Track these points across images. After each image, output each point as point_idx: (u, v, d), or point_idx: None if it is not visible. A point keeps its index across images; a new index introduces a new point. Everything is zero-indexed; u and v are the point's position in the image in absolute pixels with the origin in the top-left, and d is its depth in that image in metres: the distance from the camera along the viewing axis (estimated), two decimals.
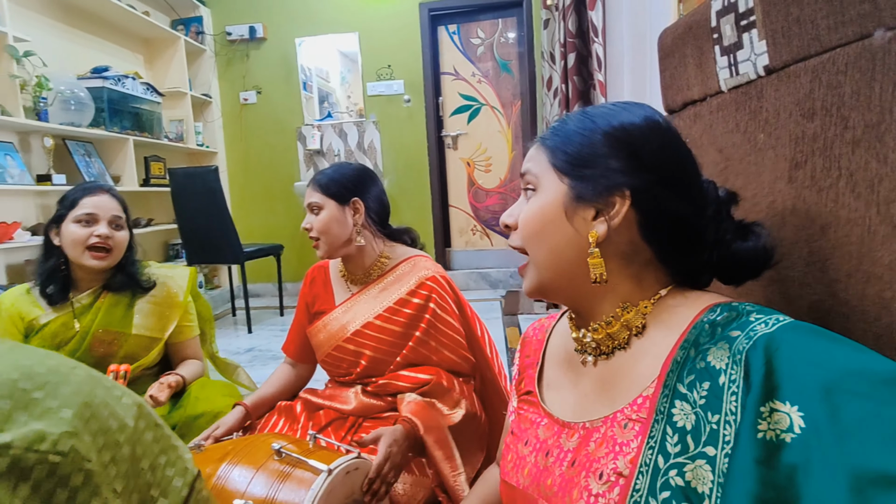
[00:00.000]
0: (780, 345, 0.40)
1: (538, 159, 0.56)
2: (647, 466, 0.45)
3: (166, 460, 0.49)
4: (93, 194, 1.28)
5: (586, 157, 0.53)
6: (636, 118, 0.53)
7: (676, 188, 0.52)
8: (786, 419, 0.37)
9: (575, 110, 0.58)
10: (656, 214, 0.52)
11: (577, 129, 0.55)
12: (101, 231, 1.25)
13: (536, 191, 0.56)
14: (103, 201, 1.28)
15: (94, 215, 1.26)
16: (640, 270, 0.54)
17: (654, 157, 0.52)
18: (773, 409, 0.38)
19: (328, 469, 0.84)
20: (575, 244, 0.53)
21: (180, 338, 1.44)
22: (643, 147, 0.52)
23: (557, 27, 2.30)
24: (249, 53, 4.04)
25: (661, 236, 0.52)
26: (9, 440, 0.35)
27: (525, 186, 0.58)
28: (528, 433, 0.62)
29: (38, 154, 2.68)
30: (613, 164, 0.52)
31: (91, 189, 1.30)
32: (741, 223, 0.55)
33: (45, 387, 0.40)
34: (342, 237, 1.20)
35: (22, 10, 2.63)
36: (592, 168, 0.52)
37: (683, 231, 0.53)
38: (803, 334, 0.41)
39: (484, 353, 1.30)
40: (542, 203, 0.55)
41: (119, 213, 1.30)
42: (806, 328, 0.42)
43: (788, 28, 0.53)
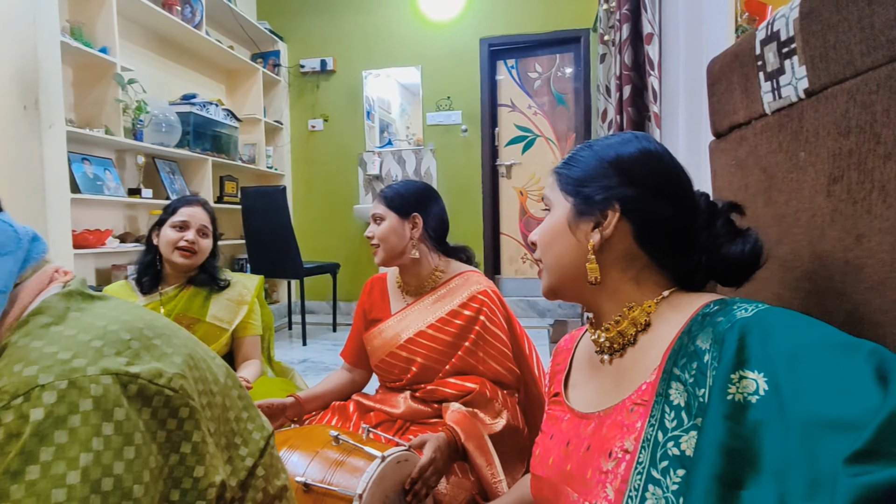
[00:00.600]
0: (755, 326, 0.47)
1: (552, 186, 0.68)
2: (649, 441, 0.50)
3: (248, 416, 0.57)
4: (189, 205, 1.52)
5: (585, 178, 0.63)
6: (631, 147, 0.63)
7: (664, 199, 0.60)
8: (752, 384, 0.44)
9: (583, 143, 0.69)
10: (647, 223, 0.60)
11: (580, 157, 0.66)
12: (188, 237, 1.48)
13: (550, 211, 0.67)
14: (196, 212, 1.52)
15: (186, 223, 1.49)
16: (638, 274, 0.62)
17: (642, 174, 0.61)
18: (742, 377, 0.45)
19: (382, 455, 0.90)
20: (577, 252, 0.63)
21: (244, 333, 1.59)
22: (632, 167, 0.61)
23: (614, 61, 2.36)
24: (319, 84, 4.33)
25: (653, 242, 0.61)
26: (137, 371, 0.44)
27: (543, 209, 0.69)
28: (554, 428, 0.68)
29: (130, 170, 2.98)
30: (607, 183, 0.61)
31: (189, 201, 1.54)
32: (734, 228, 0.62)
33: (161, 336, 0.49)
34: (398, 247, 1.29)
35: (128, 44, 2.98)
36: (590, 187, 0.62)
37: (674, 236, 0.61)
38: (776, 315, 0.47)
39: (531, 370, 1.33)
40: (552, 220, 0.66)
41: (207, 223, 1.53)
42: (779, 311, 0.48)
43: (826, 54, 0.57)
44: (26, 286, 0.48)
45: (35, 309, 0.46)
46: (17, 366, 0.40)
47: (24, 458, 0.37)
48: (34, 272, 0.49)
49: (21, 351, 0.42)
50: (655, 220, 0.60)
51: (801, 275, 0.63)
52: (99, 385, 0.40)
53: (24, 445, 0.37)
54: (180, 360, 0.48)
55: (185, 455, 0.45)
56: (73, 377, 0.40)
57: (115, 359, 0.43)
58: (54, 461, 0.37)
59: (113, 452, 0.39)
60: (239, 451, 0.53)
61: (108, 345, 0.44)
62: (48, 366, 0.40)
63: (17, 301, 0.46)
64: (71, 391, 0.39)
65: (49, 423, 0.38)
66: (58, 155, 2.25)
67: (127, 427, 0.41)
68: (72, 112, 2.65)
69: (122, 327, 0.46)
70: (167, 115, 2.93)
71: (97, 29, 2.66)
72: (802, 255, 0.63)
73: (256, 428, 0.58)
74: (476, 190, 4.08)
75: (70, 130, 2.35)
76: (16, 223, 0.49)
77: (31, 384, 0.39)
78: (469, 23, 4.03)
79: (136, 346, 0.46)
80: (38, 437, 0.37)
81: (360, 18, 4.20)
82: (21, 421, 0.38)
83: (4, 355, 0.43)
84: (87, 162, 2.61)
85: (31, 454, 0.37)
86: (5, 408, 0.38)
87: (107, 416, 0.40)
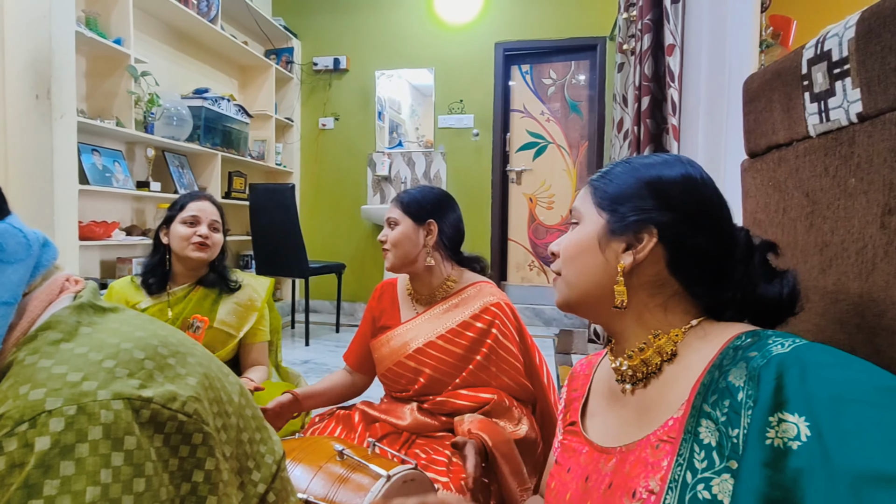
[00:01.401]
0: (793, 363, 0.43)
1: (584, 198, 0.65)
2: (676, 482, 0.47)
3: (260, 437, 0.54)
4: (198, 200, 1.50)
5: (622, 197, 0.60)
6: (674, 171, 0.59)
7: (702, 228, 0.57)
8: (793, 429, 0.40)
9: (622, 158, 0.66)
10: (683, 251, 0.57)
11: (620, 172, 0.62)
12: (202, 231, 1.45)
13: (579, 223, 0.63)
14: (205, 206, 1.49)
15: (197, 217, 1.46)
16: (667, 301, 0.58)
17: (681, 200, 0.58)
18: (782, 420, 0.41)
19: (387, 475, 0.86)
20: (603, 271, 0.60)
21: (252, 340, 1.55)
22: (673, 191, 0.58)
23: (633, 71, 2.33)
24: (332, 83, 4.31)
25: (686, 271, 0.58)
26: (150, 395, 0.41)
27: (571, 220, 0.66)
28: (570, 461, 0.65)
29: (139, 162, 2.96)
30: (644, 205, 0.58)
31: (196, 196, 1.51)
32: (772, 269, 0.59)
33: (176, 355, 0.46)
34: (411, 254, 1.26)
35: (143, 36, 2.97)
36: (626, 206, 0.59)
37: (708, 267, 0.57)
38: (815, 353, 0.44)
39: (542, 384, 1.30)
40: (582, 233, 0.62)
41: (217, 217, 1.50)
42: (818, 348, 0.44)
43: (885, 77, 0.54)
44: (35, 296, 0.45)
45: (44, 323, 0.43)
46: (22, 387, 0.38)
47: (26, 493, 0.34)
48: (44, 280, 0.46)
49: (28, 371, 0.39)
50: (692, 249, 0.57)
51: (848, 308, 0.60)
52: (110, 411, 0.38)
53: (28, 478, 0.34)
54: (195, 382, 0.45)
55: (196, 484, 0.42)
56: (83, 402, 0.37)
57: (128, 381, 0.40)
58: (59, 496, 0.34)
59: (122, 485, 0.36)
60: (251, 475, 0.50)
61: (121, 365, 0.41)
62: (56, 388, 0.37)
63: (25, 313, 0.44)
64: (80, 417, 0.36)
65: (55, 453, 0.35)
66: (68, 145, 2.23)
67: (138, 457, 0.38)
68: (83, 102, 2.63)
69: (135, 345, 0.43)
70: (178, 109, 2.91)
71: (112, 20, 2.64)
72: (850, 289, 0.59)
73: (269, 451, 0.55)
74: (485, 195, 4.05)
75: (81, 121, 2.33)
76: (26, 228, 0.46)
77: (37, 409, 0.36)
78: (484, 27, 4.00)
79: (150, 366, 0.43)
80: (42, 469, 0.35)
81: (375, 18, 4.18)
82: (25, 450, 0.35)
83: (10, 374, 0.40)
84: (96, 153, 2.60)
85: (34, 488, 0.34)
86: (9, 434, 0.35)
87: (117, 444, 0.37)
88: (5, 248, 0.43)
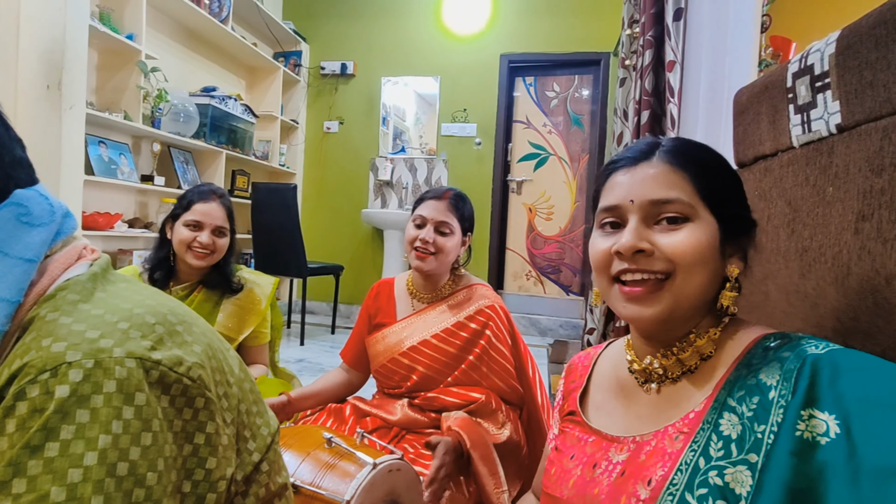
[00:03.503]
0: (826, 364, 0.45)
1: (683, 187, 0.55)
2: (688, 465, 0.48)
3: (257, 410, 0.56)
4: (205, 201, 1.43)
5: (726, 196, 0.56)
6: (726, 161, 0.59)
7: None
8: (823, 425, 0.42)
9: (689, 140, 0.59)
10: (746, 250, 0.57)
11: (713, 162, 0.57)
12: (202, 239, 1.40)
13: (692, 220, 0.54)
14: (211, 209, 1.42)
15: (200, 223, 1.41)
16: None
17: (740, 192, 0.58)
18: (812, 416, 0.43)
19: (373, 463, 0.88)
20: (717, 277, 0.55)
21: (254, 342, 1.55)
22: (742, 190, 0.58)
23: (634, 86, 2.37)
24: (338, 87, 4.36)
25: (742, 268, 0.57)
26: (159, 358, 0.43)
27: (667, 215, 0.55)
28: (573, 449, 0.64)
29: (145, 157, 3.00)
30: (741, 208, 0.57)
31: (204, 194, 1.44)
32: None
33: (183, 323, 0.49)
34: (450, 262, 1.29)
35: (155, 33, 3.01)
36: (731, 208, 0.56)
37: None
38: (848, 357, 0.45)
39: (532, 390, 1.32)
40: (708, 235, 0.54)
41: (223, 222, 1.44)
42: (851, 352, 0.46)
43: (862, 90, 0.57)
44: (56, 259, 0.48)
45: (62, 284, 0.46)
46: (45, 340, 0.40)
47: (44, 435, 0.37)
48: (63, 246, 0.49)
49: (50, 326, 0.42)
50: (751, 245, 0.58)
51: (827, 312, 0.62)
52: (123, 368, 0.40)
53: (47, 421, 0.37)
54: (200, 350, 0.48)
55: (198, 446, 0.44)
56: (100, 357, 0.40)
57: (140, 342, 0.43)
58: (74, 440, 0.37)
59: (131, 437, 0.39)
60: (247, 444, 0.52)
61: (134, 327, 0.43)
62: (76, 343, 0.40)
63: (45, 273, 0.46)
64: (96, 371, 0.39)
65: (73, 401, 0.38)
66: (76, 136, 2.26)
67: (146, 413, 0.40)
68: (93, 95, 2.67)
69: (147, 311, 0.46)
70: (186, 106, 2.94)
71: (126, 16, 2.69)
72: (827, 293, 0.62)
73: (264, 423, 0.57)
74: (485, 203, 4.08)
75: (90, 113, 2.36)
76: (51, 196, 0.49)
77: (59, 360, 0.39)
78: (490, 38, 4.06)
79: (160, 330, 0.45)
80: (60, 414, 0.37)
81: (384, 26, 4.23)
82: (46, 397, 0.37)
83: (32, 328, 0.42)
84: (103, 145, 2.63)
85: (52, 431, 0.37)
86: (32, 382, 0.38)
87: (128, 399, 0.39)
88: (32, 211, 0.45)
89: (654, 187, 0.55)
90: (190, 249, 1.39)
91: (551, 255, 4.13)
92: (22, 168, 0.48)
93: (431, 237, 1.23)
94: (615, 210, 0.57)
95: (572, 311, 4.09)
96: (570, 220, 4.09)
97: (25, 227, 0.45)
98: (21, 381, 0.38)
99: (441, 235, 1.24)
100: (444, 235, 1.24)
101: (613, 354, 0.70)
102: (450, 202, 1.26)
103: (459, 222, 1.27)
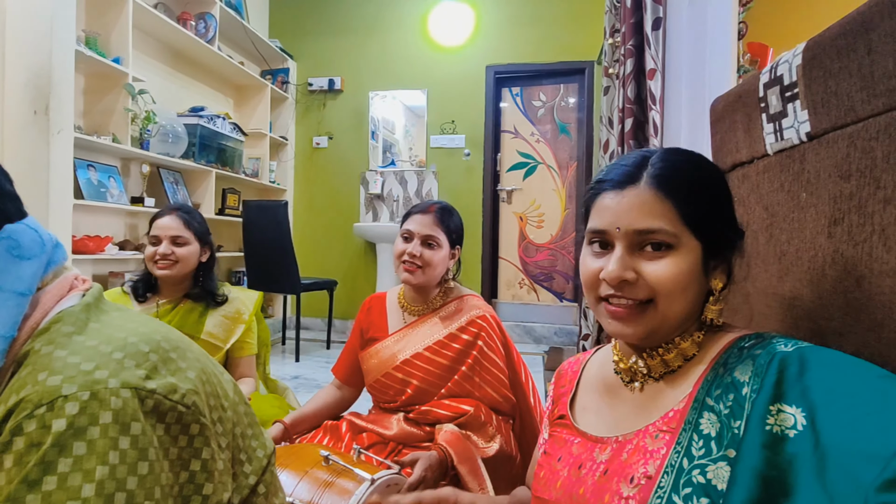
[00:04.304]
0: (794, 360, 0.47)
1: (668, 216, 0.56)
2: (673, 468, 0.50)
3: (252, 433, 0.57)
4: (161, 217, 1.50)
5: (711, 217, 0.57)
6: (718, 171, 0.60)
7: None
8: (790, 419, 0.45)
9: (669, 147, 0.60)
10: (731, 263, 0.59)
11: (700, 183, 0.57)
12: (161, 250, 1.46)
13: (675, 248, 0.55)
14: (166, 222, 1.49)
15: (157, 237, 1.48)
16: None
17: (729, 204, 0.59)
18: (780, 410, 0.45)
19: (371, 479, 0.89)
20: (700, 294, 0.58)
21: (240, 353, 1.56)
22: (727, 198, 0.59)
23: (617, 94, 2.41)
24: (326, 103, 4.39)
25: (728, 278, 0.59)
26: (154, 387, 0.44)
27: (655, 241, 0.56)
28: (561, 451, 0.66)
29: (135, 178, 3.00)
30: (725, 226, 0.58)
31: (161, 212, 1.52)
32: None
33: (176, 350, 0.49)
34: (439, 275, 1.29)
35: (141, 55, 3.03)
36: (715, 225, 0.57)
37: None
38: (815, 353, 0.48)
39: (526, 398, 1.32)
40: (684, 265, 0.55)
41: (178, 232, 1.48)
42: (819, 349, 0.48)
43: (827, 100, 0.59)
44: (48, 291, 0.48)
45: (56, 317, 0.46)
46: (41, 374, 0.41)
47: (42, 469, 0.37)
48: (55, 278, 0.50)
49: (45, 359, 0.42)
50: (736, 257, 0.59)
51: (802, 314, 0.64)
52: (119, 398, 0.41)
53: (45, 455, 0.37)
54: (194, 375, 0.48)
55: (194, 472, 0.45)
56: (95, 388, 0.40)
57: (135, 371, 0.43)
58: (71, 473, 0.37)
59: (128, 467, 0.39)
60: (243, 467, 0.53)
61: (129, 357, 0.44)
62: (71, 376, 0.41)
63: (38, 306, 0.47)
64: (92, 403, 0.40)
65: (69, 433, 0.38)
66: (64, 160, 2.26)
67: (142, 442, 0.41)
68: (81, 119, 2.67)
69: (140, 339, 0.46)
70: (174, 126, 2.95)
71: (112, 39, 2.70)
72: (804, 295, 0.64)
73: (260, 445, 0.57)
74: (476, 213, 4.11)
75: (78, 137, 2.37)
76: (41, 228, 0.49)
77: (54, 394, 0.39)
78: (476, 50, 4.11)
79: (154, 358, 0.46)
80: (57, 448, 0.38)
81: (370, 41, 4.28)
82: (43, 431, 0.38)
83: (27, 363, 0.43)
84: (92, 168, 2.63)
85: (49, 464, 0.37)
86: (29, 417, 0.38)
87: (124, 429, 0.40)
88: (22, 244, 0.46)
89: (640, 217, 0.56)
90: (154, 263, 1.46)
91: (543, 262, 4.15)
92: (11, 201, 0.49)
93: (419, 251, 1.24)
94: (603, 234, 0.59)
95: (566, 317, 4.10)
96: (560, 228, 4.12)
97: (16, 261, 0.46)
98: (18, 416, 0.39)
99: (428, 248, 1.25)
100: (431, 248, 1.26)
101: (601, 358, 0.72)
102: (435, 215, 1.28)
103: (446, 235, 1.28)
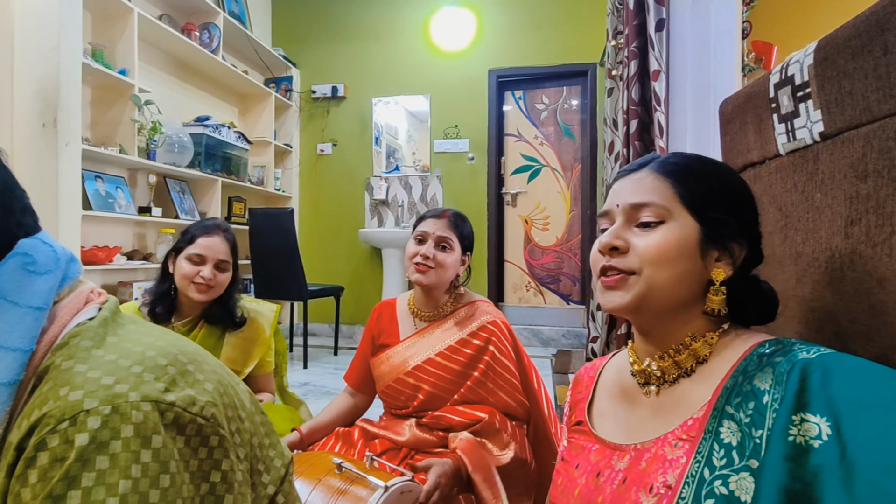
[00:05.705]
0: (817, 368, 0.46)
1: (662, 192, 0.59)
2: (693, 478, 0.49)
3: (269, 442, 0.57)
4: (208, 235, 1.41)
5: (713, 202, 0.58)
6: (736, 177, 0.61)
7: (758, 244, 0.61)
8: (815, 428, 0.43)
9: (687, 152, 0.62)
10: (748, 260, 0.59)
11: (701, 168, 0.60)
12: (204, 273, 1.38)
13: (666, 222, 0.58)
14: (214, 243, 1.41)
15: (203, 257, 1.39)
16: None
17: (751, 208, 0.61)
18: (804, 419, 0.44)
19: (385, 486, 0.88)
20: (698, 278, 0.58)
21: (260, 371, 1.55)
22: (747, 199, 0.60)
23: (621, 96, 2.41)
24: (330, 110, 4.41)
25: (743, 278, 0.59)
26: (173, 399, 0.44)
27: (644, 218, 0.59)
28: (579, 458, 0.66)
29: (141, 188, 3.02)
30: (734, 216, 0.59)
31: (208, 229, 1.43)
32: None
33: (194, 362, 0.49)
34: (450, 278, 1.30)
35: (147, 67, 3.05)
36: (718, 213, 0.58)
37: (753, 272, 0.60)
38: (839, 361, 0.46)
39: (539, 403, 1.32)
40: (678, 236, 0.57)
41: (225, 256, 1.42)
42: (842, 356, 0.47)
43: (841, 100, 0.59)
44: (64, 305, 0.48)
45: (73, 331, 0.47)
46: (62, 389, 0.41)
47: (66, 484, 0.37)
48: (70, 292, 0.50)
49: (66, 374, 0.43)
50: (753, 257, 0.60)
51: (824, 316, 0.63)
52: (140, 412, 0.41)
53: (68, 470, 0.37)
54: (211, 387, 0.48)
55: (214, 484, 0.45)
56: (116, 402, 0.40)
57: (154, 385, 0.43)
58: (95, 487, 0.38)
59: (150, 480, 0.40)
60: (262, 478, 0.53)
61: (147, 370, 0.44)
62: (93, 391, 0.41)
63: (55, 319, 0.47)
64: (114, 417, 0.40)
65: (92, 448, 0.38)
66: (72, 172, 2.28)
67: (164, 455, 0.41)
68: (88, 131, 2.70)
69: (158, 353, 0.47)
70: (180, 136, 2.97)
71: (118, 51, 2.72)
72: (825, 296, 0.63)
73: (278, 455, 0.57)
74: (481, 217, 4.11)
75: (85, 149, 2.39)
76: (55, 243, 0.50)
77: (77, 409, 0.39)
78: (478, 54, 4.12)
79: (172, 371, 0.46)
80: (81, 462, 0.38)
81: (372, 47, 4.30)
82: (66, 446, 0.38)
83: (48, 378, 0.43)
84: (99, 180, 2.65)
85: (73, 479, 0.37)
86: (52, 432, 0.39)
87: (146, 443, 0.40)
88: (37, 260, 0.47)
89: (635, 192, 0.60)
90: (192, 283, 1.38)
91: (550, 265, 4.14)
92: (30, 216, 0.49)
93: (432, 252, 1.25)
94: (607, 214, 0.62)
95: (574, 320, 4.09)
96: (566, 230, 4.11)
97: (32, 276, 0.46)
98: (41, 431, 0.39)
99: (441, 251, 1.27)
100: (444, 251, 1.27)
101: (618, 362, 0.72)
102: (449, 220, 1.29)
103: (459, 240, 1.29)
